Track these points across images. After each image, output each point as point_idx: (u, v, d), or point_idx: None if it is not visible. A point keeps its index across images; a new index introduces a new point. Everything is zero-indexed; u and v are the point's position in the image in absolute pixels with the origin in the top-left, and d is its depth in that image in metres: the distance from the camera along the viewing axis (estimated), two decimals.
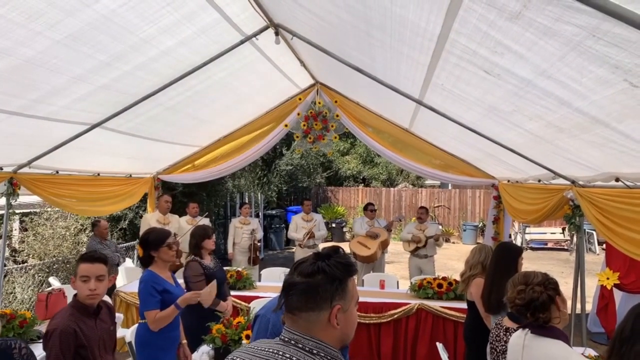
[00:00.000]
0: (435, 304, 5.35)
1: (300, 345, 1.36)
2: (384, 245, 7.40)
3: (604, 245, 8.85)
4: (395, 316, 5.35)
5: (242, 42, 4.28)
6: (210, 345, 3.64)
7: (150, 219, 6.75)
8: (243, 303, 5.36)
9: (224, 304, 4.26)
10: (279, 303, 1.45)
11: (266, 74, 5.46)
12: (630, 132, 2.23)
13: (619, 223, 3.14)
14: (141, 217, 8.61)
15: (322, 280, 1.38)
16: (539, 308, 2.20)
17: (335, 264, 1.41)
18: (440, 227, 7.90)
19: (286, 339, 1.40)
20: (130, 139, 5.24)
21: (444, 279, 5.72)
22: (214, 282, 3.88)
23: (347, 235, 16.41)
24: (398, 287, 6.39)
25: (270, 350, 1.39)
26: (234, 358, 1.45)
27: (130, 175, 6.66)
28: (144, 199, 8.39)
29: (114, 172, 6.26)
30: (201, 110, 5.61)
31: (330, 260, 1.41)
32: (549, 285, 2.26)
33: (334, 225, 16.81)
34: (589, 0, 1.47)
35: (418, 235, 7.16)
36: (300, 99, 6.56)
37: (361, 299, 5.32)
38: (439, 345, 3.95)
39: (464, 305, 4.35)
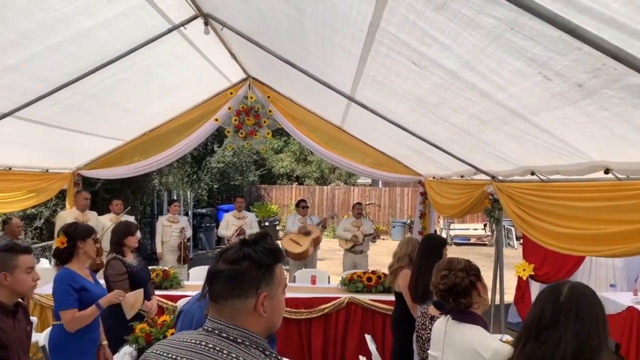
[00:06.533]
0: (365, 297, 5.43)
1: (224, 335, 1.31)
2: (316, 242, 7.44)
3: (522, 240, 9.43)
4: (326, 310, 5.38)
5: (169, 31, 4.11)
6: (133, 346, 3.47)
7: (67, 217, 6.33)
8: (169, 302, 5.17)
9: (148, 303, 4.08)
10: (202, 291, 1.40)
11: (195, 66, 5.28)
12: (544, 125, 2.37)
13: (534, 215, 3.34)
14: None
15: (248, 266, 1.33)
16: (460, 293, 2.28)
17: (262, 250, 1.37)
18: (372, 223, 8.10)
19: (210, 329, 1.34)
20: (45, 129, 4.87)
21: (373, 272, 5.83)
22: (141, 291, 3.71)
23: (281, 234, 16.36)
24: (329, 282, 6.44)
25: (193, 341, 1.33)
26: (155, 351, 1.38)
27: (47, 170, 6.22)
28: (62, 196, 7.89)
29: (29, 166, 5.82)
30: (124, 100, 5.33)
31: (257, 246, 1.37)
32: (471, 271, 2.35)
33: (267, 223, 16.68)
34: None
35: (356, 234, 7.30)
36: (231, 93, 6.43)
37: (292, 295, 5.41)
38: (368, 337, 4.01)
39: (392, 297, 4.45)
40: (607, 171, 2.45)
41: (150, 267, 5.24)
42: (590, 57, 1.60)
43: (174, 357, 1.31)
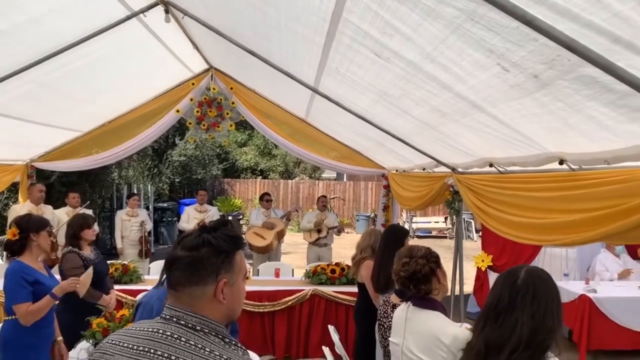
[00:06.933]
0: (328, 289, 5.46)
1: (182, 322, 1.28)
2: (280, 235, 7.42)
3: (481, 233, 9.69)
4: (289, 303, 5.37)
5: (128, 18, 3.99)
6: (90, 341, 3.37)
7: (20, 210, 6.07)
8: (129, 297, 5.05)
9: (106, 297, 3.97)
10: (160, 279, 1.37)
11: (156, 55, 5.14)
12: (502, 117, 2.43)
13: (492, 206, 3.43)
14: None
15: (207, 253, 1.31)
16: (421, 280, 2.32)
17: (222, 236, 1.34)
18: (336, 216, 8.17)
19: (167, 317, 1.31)
20: None
21: (337, 264, 5.86)
22: (91, 269, 3.61)
23: (244, 228, 16.24)
24: (293, 275, 6.44)
25: (150, 329, 1.30)
26: (110, 341, 1.34)
27: None
28: (14, 189, 7.57)
29: None
30: (81, 90, 5.14)
31: (217, 232, 1.35)
32: (431, 258, 2.39)
33: (230, 218, 16.51)
34: None
35: (320, 221, 7.32)
36: (193, 84, 6.30)
37: (255, 288, 5.37)
38: (331, 328, 4.03)
39: (355, 289, 4.48)
40: (561, 162, 2.53)
41: (109, 262, 5.11)
42: (546, 48, 1.64)
43: (130, 345, 1.27)
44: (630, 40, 1.40)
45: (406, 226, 16.44)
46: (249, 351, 1.40)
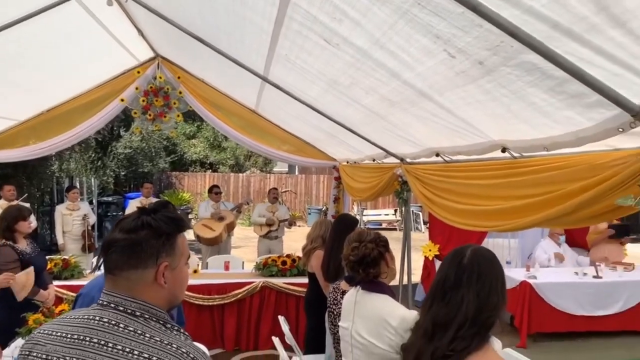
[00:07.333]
0: (279, 281, 5.42)
1: (121, 308, 1.22)
2: (230, 227, 7.31)
3: (429, 224, 9.95)
4: (239, 296, 5.30)
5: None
6: (26, 338, 3.18)
7: None
8: (70, 293, 4.79)
9: (44, 292, 3.78)
10: (97, 263, 1.30)
11: (98, 41, 4.90)
12: (449, 105, 2.47)
13: (439, 194, 3.52)
14: None
15: (147, 235, 1.25)
16: (370, 263, 2.34)
17: (163, 218, 1.29)
18: (287, 209, 8.16)
19: (105, 303, 1.24)
20: None
21: (287, 256, 5.83)
22: (31, 269, 3.42)
23: (193, 222, 15.93)
24: (243, 268, 6.37)
25: (85, 316, 1.23)
26: (42, 331, 1.26)
27: None
28: None
29: None
30: (17, 76, 4.83)
31: (157, 214, 1.29)
32: (380, 242, 2.42)
33: (178, 212, 16.15)
34: None
35: (272, 218, 7.26)
36: (138, 72, 6.07)
37: (204, 281, 5.27)
38: (281, 318, 4.01)
39: (306, 280, 4.48)
40: (503, 150, 2.62)
41: (49, 257, 4.86)
42: (491, 35, 1.67)
43: (64, 334, 1.20)
44: (569, 26, 1.44)
45: (357, 218, 16.67)
46: (198, 343, 1.36)
